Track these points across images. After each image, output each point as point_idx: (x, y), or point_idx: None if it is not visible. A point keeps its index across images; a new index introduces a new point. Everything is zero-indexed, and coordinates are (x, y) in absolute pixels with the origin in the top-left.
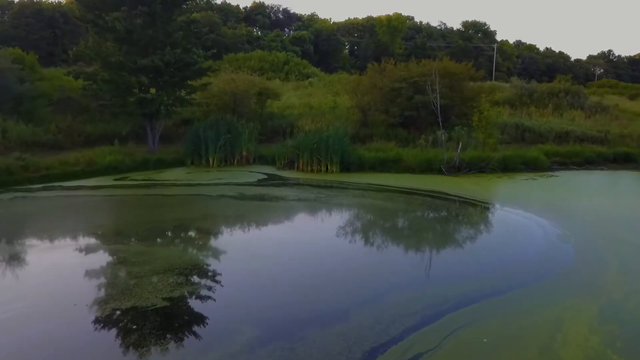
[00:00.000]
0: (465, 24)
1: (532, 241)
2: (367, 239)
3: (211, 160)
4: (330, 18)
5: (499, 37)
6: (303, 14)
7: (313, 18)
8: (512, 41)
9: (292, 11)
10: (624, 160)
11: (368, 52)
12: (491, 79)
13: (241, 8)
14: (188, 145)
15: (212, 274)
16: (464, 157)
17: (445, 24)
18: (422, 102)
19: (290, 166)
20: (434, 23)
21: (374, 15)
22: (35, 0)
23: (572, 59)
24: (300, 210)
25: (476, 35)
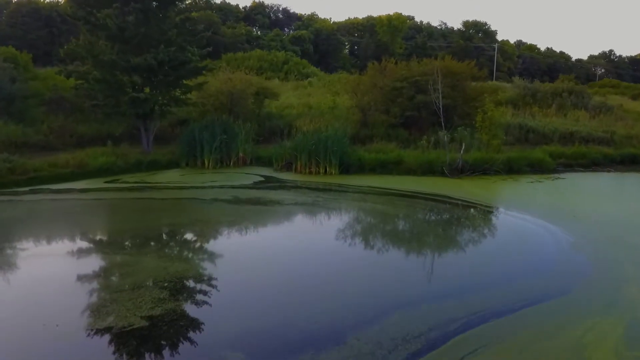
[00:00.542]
0: (465, 24)
1: (544, 250)
2: (367, 248)
3: (206, 161)
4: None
5: (500, 37)
6: (303, 14)
7: (313, 18)
8: (513, 41)
9: (292, 11)
10: (631, 161)
11: (368, 52)
12: (492, 79)
13: (240, 8)
14: (183, 146)
15: (198, 289)
16: (467, 159)
17: (445, 24)
18: (424, 102)
19: (288, 168)
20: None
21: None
22: None
23: (573, 59)
24: (296, 215)
25: (477, 35)
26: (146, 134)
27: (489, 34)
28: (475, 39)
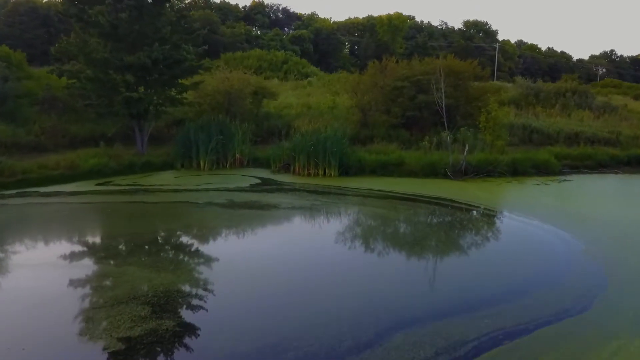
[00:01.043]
0: (466, 24)
1: (556, 259)
2: (368, 258)
3: (202, 163)
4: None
5: (501, 37)
6: (303, 14)
7: (313, 17)
8: (514, 41)
9: (292, 10)
10: (638, 163)
11: (368, 52)
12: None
13: (240, 7)
14: (178, 147)
15: (184, 305)
16: (471, 160)
17: (446, 24)
18: (426, 102)
19: (285, 169)
20: (435, 22)
21: (375, 14)
22: None
23: (574, 59)
24: (293, 221)
25: (477, 34)
26: (140, 135)
27: (490, 34)
28: (476, 39)
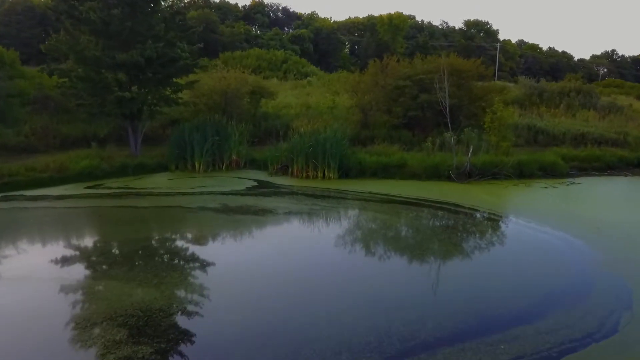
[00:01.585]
0: (467, 23)
1: (572, 271)
2: (369, 268)
3: (197, 165)
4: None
5: (502, 37)
6: (303, 13)
7: (313, 17)
8: (515, 40)
9: (292, 10)
10: None
11: (369, 51)
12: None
13: (240, 7)
14: (172, 148)
15: (165, 326)
16: (475, 162)
17: (447, 23)
18: (428, 102)
19: (283, 171)
20: (436, 22)
21: (375, 14)
22: None
23: (576, 59)
24: (290, 227)
25: (478, 34)
26: (134, 135)
27: (491, 34)
28: (476, 39)
